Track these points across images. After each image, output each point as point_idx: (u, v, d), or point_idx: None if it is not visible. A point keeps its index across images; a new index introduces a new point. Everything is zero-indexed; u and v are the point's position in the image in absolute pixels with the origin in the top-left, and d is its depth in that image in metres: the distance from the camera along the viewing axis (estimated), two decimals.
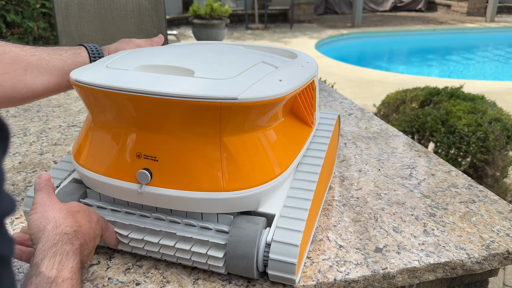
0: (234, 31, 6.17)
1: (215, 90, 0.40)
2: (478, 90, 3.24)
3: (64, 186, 0.50)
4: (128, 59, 0.49)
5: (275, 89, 0.42)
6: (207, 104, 0.39)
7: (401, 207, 0.60)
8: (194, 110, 0.40)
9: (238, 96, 0.39)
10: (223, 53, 0.53)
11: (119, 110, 0.43)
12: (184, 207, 0.44)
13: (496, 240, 0.53)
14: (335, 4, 8.10)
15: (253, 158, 0.43)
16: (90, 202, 0.48)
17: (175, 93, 0.39)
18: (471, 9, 7.71)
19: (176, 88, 0.40)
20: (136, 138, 0.43)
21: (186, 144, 0.42)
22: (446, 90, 1.71)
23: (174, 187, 0.42)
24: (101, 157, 0.45)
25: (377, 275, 0.47)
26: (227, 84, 0.41)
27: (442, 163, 0.74)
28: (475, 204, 0.61)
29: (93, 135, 0.46)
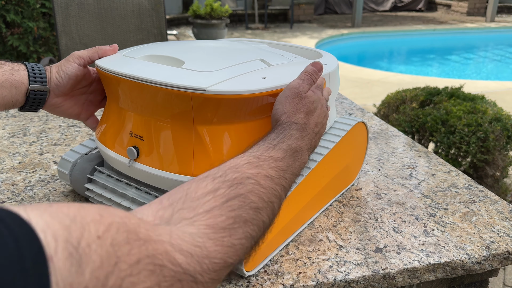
0: (234, 31, 6.17)
1: (188, 80, 0.42)
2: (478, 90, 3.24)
3: (88, 155, 0.60)
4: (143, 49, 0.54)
5: (251, 85, 0.43)
6: (178, 93, 0.42)
7: (401, 207, 0.60)
8: (170, 97, 0.43)
9: (207, 88, 0.41)
10: (226, 50, 0.55)
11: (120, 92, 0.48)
12: (160, 184, 0.48)
13: (496, 240, 0.53)
14: (335, 4, 8.10)
15: (223, 149, 0.45)
16: (102, 170, 0.56)
17: (155, 80, 0.43)
18: (471, 9, 7.71)
19: (158, 76, 0.43)
20: (132, 118, 0.48)
21: (166, 128, 0.46)
22: (446, 90, 1.71)
23: (153, 165, 0.47)
24: (108, 133, 0.52)
25: (377, 276, 0.47)
26: (204, 76, 0.43)
27: (442, 163, 0.74)
28: (475, 204, 0.61)
29: (106, 114, 0.53)
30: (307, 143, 0.41)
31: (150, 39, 1.49)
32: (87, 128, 0.88)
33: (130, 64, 0.48)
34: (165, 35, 1.51)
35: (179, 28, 6.09)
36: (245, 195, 0.31)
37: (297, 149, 0.39)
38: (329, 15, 8.06)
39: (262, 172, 0.34)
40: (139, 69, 0.46)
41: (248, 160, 0.35)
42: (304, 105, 0.43)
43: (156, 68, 0.46)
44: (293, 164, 0.38)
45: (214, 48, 0.56)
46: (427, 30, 6.50)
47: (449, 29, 6.59)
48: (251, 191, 0.32)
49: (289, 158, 0.38)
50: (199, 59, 0.50)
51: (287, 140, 0.39)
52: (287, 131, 0.40)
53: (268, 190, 0.33)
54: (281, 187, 0.35)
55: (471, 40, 6.30)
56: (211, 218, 0.28)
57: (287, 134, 0.40)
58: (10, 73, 0.49)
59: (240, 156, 0.36)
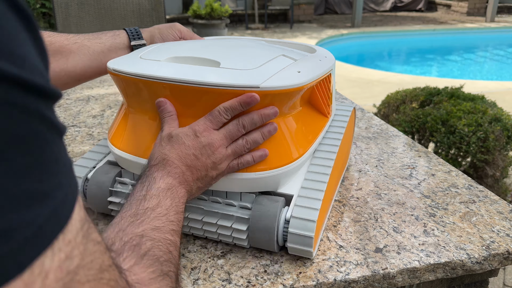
0: (234, 31, 6.17)
1: (239, 79, 0.43)
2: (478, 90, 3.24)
3: (101, 167, 0.55)
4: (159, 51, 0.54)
5: (294, 79, 0.46)
6: (232, 92, 0.42)
7: (401, 207, 0.60)
8: (221, 97, 0.43)
9: (260, 85, 0.42)
10: (245, 47, 0.57)
11: (155, 97, 0.46)
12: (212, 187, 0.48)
13: (496, 240, 0.53)
14: (335, 4, 8.10)
15: (274, 142, 0.47)
16: (124, 180, 0.52)
17: (205, 81, 0.42)
18: (471, 9, 7.71)
19: (205, 77, 0.43)
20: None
21: None
22: (446, 90, 1.71)
23: None
24: (135, 140, 0.49)
25: (377, 275, 0.47)
26: (250, 74, 0.45)
27: (442, 163, 0.74)
28: (475, 204, 0.61)
29: (127, 120, 0.51)
30: (176, 177, 0.40)
31: None
32: (87, 127, 0.88)
33: (169, 67, 0.47)
34: None
35: None
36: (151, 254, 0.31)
37: (168, 188, 0.38)
38: (329, 15, 8.06)
39: (147, 227, 0.33)
40: (185, 72, 0.45)
41: (129, 221, 0.34)
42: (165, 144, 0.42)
43: (199, 70, 0.46)
44: (172, 203, 0.37)
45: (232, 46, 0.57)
46: (427, 30, 6.50)
47: (449, 29, 6.59)
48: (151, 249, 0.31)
49: (164, 200, 0.37)
50: (229, 58, 0.50)
51: (153, 184, 0.38)
52: (149, 177, 0.39)
53: (162, 241, 0.33)
54: (171, 232, 0.34)
55: (471, 40, 6.30)
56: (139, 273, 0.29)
57: (151, 179, 0.39)
58: (113, 39, 0.59)
59: (118, 219, 0.34)
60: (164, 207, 0.36)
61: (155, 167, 0.40)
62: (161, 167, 0.40)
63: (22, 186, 0.15)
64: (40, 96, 0.16)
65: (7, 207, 0.14)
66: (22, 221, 0.15)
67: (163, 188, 0.38)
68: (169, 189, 0.38)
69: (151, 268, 0.30)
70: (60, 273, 0.16)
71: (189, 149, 0.42)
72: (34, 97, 0.15)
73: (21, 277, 0.15)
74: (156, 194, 0.37)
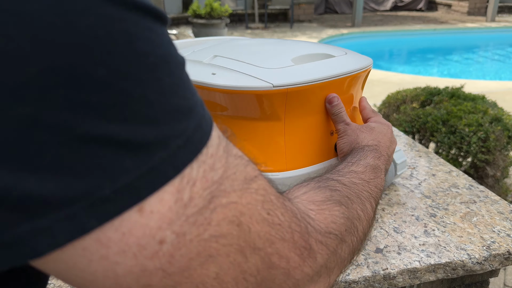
0: (234, 31, 6.17)
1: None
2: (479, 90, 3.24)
3: None
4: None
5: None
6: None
7: (401, 208, 0.60)
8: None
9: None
10: (285, 45, 0.56)
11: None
12: None
13: (497, 240, 0.53)
14: (335, 4, 8.10)
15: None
16: None
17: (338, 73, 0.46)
18: (472, 8, 7.70)
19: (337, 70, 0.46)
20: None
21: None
22: (447, 90, 1.71)
23: None
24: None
25: (378, 276, 0.47)
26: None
27: (442, 163, 0.74)
28: (476, 204, 0.61)
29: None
30: (383, 163, 0.41)
31: None
32: None
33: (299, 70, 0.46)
34: None
35: (178, 27, 6.09)
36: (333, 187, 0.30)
37: (376, 167, 0.39)
38: (329, 14, 8.05)
39: (345, 180, 0.34)
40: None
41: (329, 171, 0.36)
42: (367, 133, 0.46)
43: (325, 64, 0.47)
44: (375, 179, 0.37)
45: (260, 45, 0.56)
46: (427, 30, 6.49)
47: (449, 28, 6.58)
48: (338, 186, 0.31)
49: (369, 172, 0.37)
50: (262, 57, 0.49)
51: (363, 159, 0.40)
52: (363, 152, 0.41)
53: (353, 190, 0.32)
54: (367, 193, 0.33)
55: (472, 40, 6.30)
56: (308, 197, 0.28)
57: (363, 155, 0.40)
58: None
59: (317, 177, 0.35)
60: (367, 176, 0.37)
61: (368, 148, 0.42)
62: (374, 150, 0.42)
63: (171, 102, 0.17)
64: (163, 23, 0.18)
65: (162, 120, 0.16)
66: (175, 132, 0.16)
67: (372, 165, 0.39)
68: (376, 168, 0.39)
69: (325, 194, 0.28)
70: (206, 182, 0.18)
71: (389, 140, 0.46)
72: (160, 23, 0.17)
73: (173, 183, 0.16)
74: (364, 165, 0.38)
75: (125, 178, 0.15)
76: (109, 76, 0.15)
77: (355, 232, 0.29)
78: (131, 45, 0.15)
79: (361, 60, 0.52)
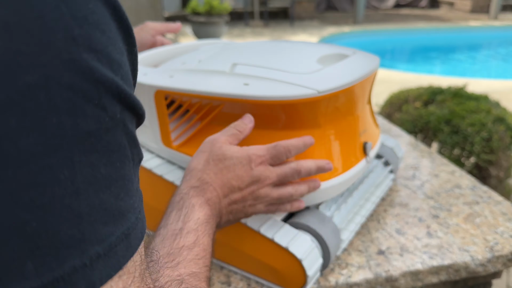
0: (234, 29, 6.16)
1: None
2: (482, 89, 3.22)
3: None
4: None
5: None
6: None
7: (404, 209, 0.60)
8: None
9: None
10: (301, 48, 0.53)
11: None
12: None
13: (500, 241, 0.52)
14: (336, 1, 8.07)
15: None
16: None
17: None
18: (475, 6, 7.66)
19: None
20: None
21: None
22: (450, 89, 1.70)
23: None
24: None
25: (380, 278, 0.47)
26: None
27: (445, 164, 0.73)
28: (479, 205, 0.61)
29: None
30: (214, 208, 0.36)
31: None
32: None
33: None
34: None
35: None
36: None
37: (207, 220, 0.34)
38: (330, 12, 8.02)
39: (184, 272, 0.29)
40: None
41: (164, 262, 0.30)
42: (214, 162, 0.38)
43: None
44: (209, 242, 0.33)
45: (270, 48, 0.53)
46: (430, 28, 6.46)
47: (452, 27, 6.55)
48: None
49: (202, 237, 0.32)
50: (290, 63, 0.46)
51: (191, 214, 0.34)
52: (187, 202, 0.35)
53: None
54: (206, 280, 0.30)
55: (475, 38, 6.26)
56: None
57: (189, 206, 0.34)
58: None
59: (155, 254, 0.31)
60: (201, 247, 0.32)
61: (193, 191, 0.36)
62: (201, 192, 0.36)
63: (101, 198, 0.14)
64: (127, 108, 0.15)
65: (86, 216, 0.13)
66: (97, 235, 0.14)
67: (202, 221, 0.34)
68: (208, 223, 0.34)
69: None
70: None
71: (236, 180, 0.37)
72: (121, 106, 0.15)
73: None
74: (195, 228, 0.33)
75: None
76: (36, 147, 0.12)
77: None
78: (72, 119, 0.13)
79: (371, 57, 0.50)
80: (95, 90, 0.14)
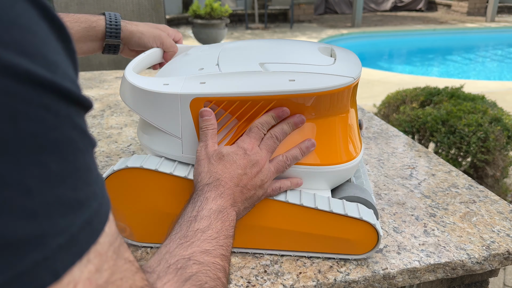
0: (234, 31, 6.17)
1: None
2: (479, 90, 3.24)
3: None
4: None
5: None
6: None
7: (401, 207, 0.60)
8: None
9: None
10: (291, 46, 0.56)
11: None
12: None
13: (497, 240, 0.53)
14: (335, 4, 8.10)
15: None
16: None
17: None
18: (472, 9, 7.71)
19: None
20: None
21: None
22: (447, 90, 1.71)
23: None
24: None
25: (377, 276, 0.47)
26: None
27: (442, 163, 0.74)
28: (476, 204, 0.61)
29: None
30: (228, 199, 0.39)
31: None
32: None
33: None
34: None
35: (179, 28, 6.09)
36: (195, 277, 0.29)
37: (220, 210, 0.37)
38: (329, 15, 8.05)
39: (196, 250, 0.32)
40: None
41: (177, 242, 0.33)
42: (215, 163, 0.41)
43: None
44: (222, 227, 0.36)
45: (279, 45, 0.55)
46: (427, 30, 6.49)
47: (449, 29, 6.59)
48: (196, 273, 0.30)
49: (215, 222, 0.36)
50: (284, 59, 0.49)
51: (204, 205, 0.37)
52: (202, 197, 0.38)
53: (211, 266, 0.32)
54: (221, 257, 0.33)
55: (471, 40, 6.30)
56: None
57: (203, 200, 0.38)
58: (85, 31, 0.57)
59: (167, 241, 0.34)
60: (215, 230, 0.35)
61: (207, 187, 0.39)
62: (214, 188, 0.39)
63: (56, 193, 0.15)
64: (72, 103, 0.16)
65: (42, 213, 0.14)
66: (56, 228, 0.14)
67: (214, 210, 0.37)
68: (220, 212, 0.37)
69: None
70: (89, 286, 0.16)
71: (240, 168, 0.41)
72: (66, 103, 0.15)
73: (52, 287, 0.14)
74: (208, 215, 0.36)
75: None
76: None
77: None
78: (13, 123, 0.13)
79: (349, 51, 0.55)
80: (33, 92, 0.14)
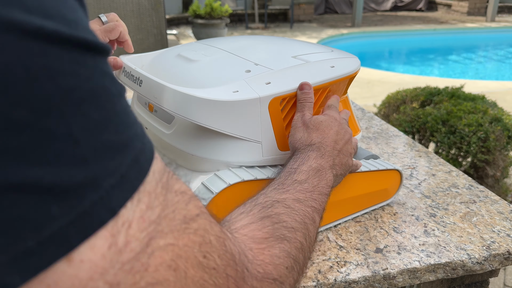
0: (234, 31, 6.17)
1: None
2: (479, 90, 3.24)
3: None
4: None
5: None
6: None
7: (401, 208, 0.60)
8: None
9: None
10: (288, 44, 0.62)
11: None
12: None
13: (497, 240, 0.53)
14: (335, 4, 8.10)
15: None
16: None
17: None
18: (472, 8, 7.70)
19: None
20: None
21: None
22: (447, 90, 1.71)
23: None
24: None
25: (378, 276, 0.47)
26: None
27: (442, 163, 0.74)
28: (476, 204, 0.61)
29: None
30: (328, 160, 0.41)
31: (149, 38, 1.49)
32: None
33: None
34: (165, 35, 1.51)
35: (178, 28, 6.09)
36: (277, 216, 0.30)
37: (319, 168, 0.39)
38: (329, 14, 8.05)
39: (289, 197, 0.34)
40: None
41: (274, 187, 0.35)
42: (314, 129, 0.44)
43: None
44: (318, 184, 0.38)
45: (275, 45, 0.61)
46: (427, 30, 6.49)
47: (449, 29, 6.58)
48: (281, 213, 0.31)
49: (313, 178, 0.38)
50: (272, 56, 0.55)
51: (305, 162, 0.39)
52: (304, 154, 0.41)
53: (299, 211, 0.33)
54: (311, 208, 0.35)
55: (472, 40, 6.30)
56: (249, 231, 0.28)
57: (305, 157, 0.40)
58: None
59: (266, 187, 0.36)
60: (311, 184, 0.37)
61: (311, 147, 0.42)
62: (316, 149, 0.42)
63: (101, 138, 0.16)
64: (96, 52, 0.17)
65: (91, 158, 0.15)
66: (107, 170, 0.15)
67: (314, 167, 0.39)
68: (319, 170, 0.39)
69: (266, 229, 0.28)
70: (142, 223, 0.16)
71: (336, 134, 0.44)
72: (92, 54, 0.16)
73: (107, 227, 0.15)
74: (307, 170, 0.38)
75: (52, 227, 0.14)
76: (28, 115, 0.14)
77: (296, 266, 0.29)
78: (53, 81, 0.14)
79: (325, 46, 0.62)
80: (63, 50, 0.15)
